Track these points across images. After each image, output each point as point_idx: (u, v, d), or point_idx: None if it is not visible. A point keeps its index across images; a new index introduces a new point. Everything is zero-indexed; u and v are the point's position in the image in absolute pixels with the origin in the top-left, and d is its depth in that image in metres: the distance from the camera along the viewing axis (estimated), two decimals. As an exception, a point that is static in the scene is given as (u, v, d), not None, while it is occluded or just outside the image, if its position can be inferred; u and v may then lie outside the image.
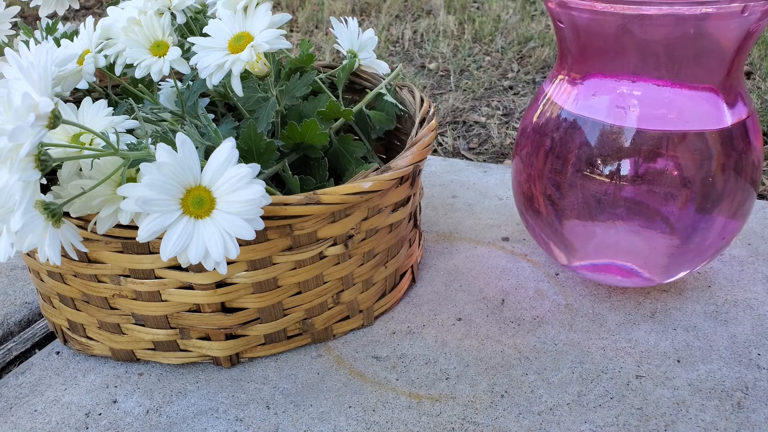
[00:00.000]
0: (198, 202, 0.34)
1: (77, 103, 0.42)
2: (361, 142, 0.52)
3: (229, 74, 0.42)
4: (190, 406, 0.42)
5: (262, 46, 0.41)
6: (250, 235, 0.34)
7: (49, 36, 0.54)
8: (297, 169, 0.49)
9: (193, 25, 0.51)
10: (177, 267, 0.41)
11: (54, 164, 0.33)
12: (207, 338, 0.45)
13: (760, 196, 0.77)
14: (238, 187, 0.33)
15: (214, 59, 0.42)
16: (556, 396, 0.42)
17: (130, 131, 0.44)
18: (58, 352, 0.48)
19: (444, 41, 1.45)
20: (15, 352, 0.49)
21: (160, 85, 0.52)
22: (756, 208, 0.62)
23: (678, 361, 0.44)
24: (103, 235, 0.38)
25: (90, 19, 0.46)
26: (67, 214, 0.37)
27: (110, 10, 0.48)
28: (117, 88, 0.53)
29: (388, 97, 0.52)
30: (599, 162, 0.43)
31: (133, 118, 0.42)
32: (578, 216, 0.45)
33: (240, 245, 0.36)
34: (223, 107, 0.55)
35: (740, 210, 0.44)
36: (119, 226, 0.38)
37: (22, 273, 0.58)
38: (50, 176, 0.40)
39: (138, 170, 0.37)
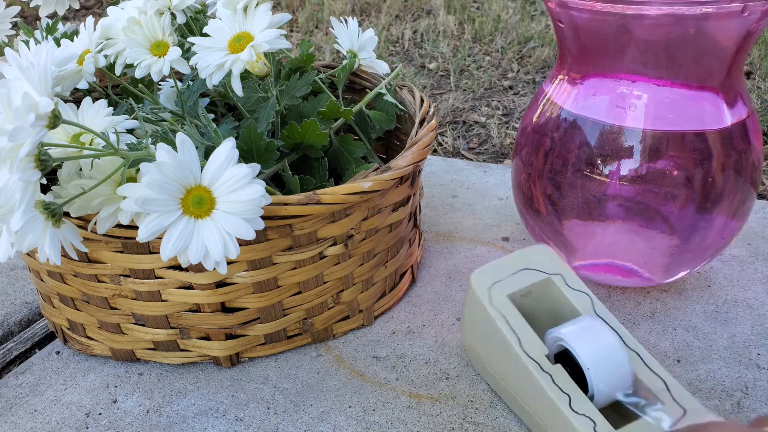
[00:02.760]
0: (198, 202, 0.34)
1: (77, 103, 0.43)
2: (361, 142, 0.52)
3: (229, 74, 0.42)
4: (190, 406, 0.43)
5: (262, 46, 0.41)
6: (250, 235, 0.34)
7: (49, 36, 0.54)
8: (297, 169, 0.49)
9: (193, 25, 0.51)
10: (177, 267, 0.41)
11: (54, 164, 0.33)
12: (207, 338, 0.45)
13: (760, 196, 0.77)
14: (238, 187, 0.33)
15: (214, 59, 0.42)
16: (556, 396, 0.42)
17: (130, 131, 0.44)
18: (58, 352, 0.48)
19: (444, 41, 1.45)
20: (15, 352, 0.49)
21: (160, 85, 0.52)
22: (756, 208, 0.62)
23: (678, 361, 0.44)
24: (103, 235, 0.38)
25: (90, 19, 0.46)
26: (67, 214, 0.37)
27: (110, 10, 0.48)
28: (117, 88, 0.53)
29: (388, 97, 0.52)
30: (599, 162, 0.43)
31: (133, 118, 0.42)
32: (578, 216, 0.45)
33: (240, 245, 0.36)
34: (223, 107, 0.55)
35: (740, 210, 0.44)
36: (119, 226, 0.38)
37: (22, 273, 0.58)
38: (50, 176, 0.40)
39: (138, 170, 0.37)
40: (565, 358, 0.35)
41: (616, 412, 0.34)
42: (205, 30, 0.43)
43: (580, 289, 0.38)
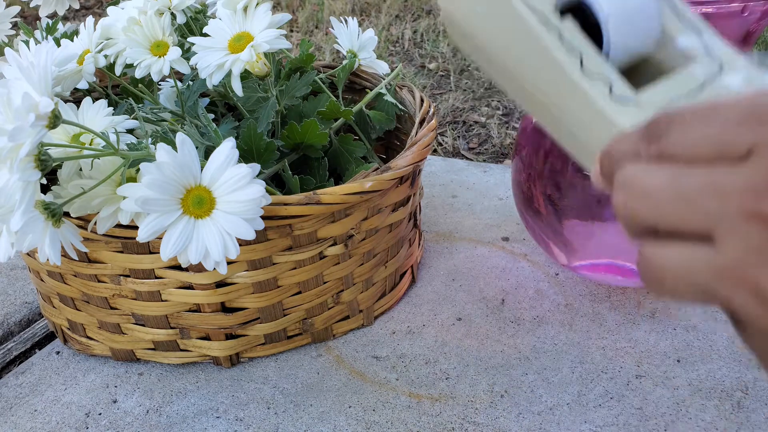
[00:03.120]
0: (198, 202, 0.34)
1: (77, 103, 0.42)
2: (361, 142, 0.52)
3: (229, 74, 0.42)
4: (190, 406, 0.42)
5: (262, 46, 0.41)
6: (250, 235, 0.34)
7: (49, 36, 0.54)
8: (297, 169, 0.49)
9: (193, 25, 0.51)
10: (177, 267, 0.41)
11: (54, 164, 0.33)
12: (207, 338, 0.45)
13: (760, 196, 0.77)
14: (238, 187, 0.33)
15: (214, 59, 0.42)
16: (556, 396, 0.42)
17: (130, 131, 0.44)
18: (58, 352, 0.48)
19: (444, 41, 1.45)
20: (15, 352, 0.49)
21: (160, 85, 0.52)
22: (756, 208, 0.62)
23: (678, 361, 0.44)
24: (103, 235, 0.38)
25: (90, 19, 0.46)
26: (67, 214, 0.37)
27: (110, 10, 0.48)
28: (117, 88, 0.53)
29: (388, 97, 0.52)
30: (599, 162, 0.43)
31: (133, 118, 0.42)
32: (578, 216, 0.45)
33: (240, 245, 0.36)
34: (223, 107, 0.55)
35: (740, 210, 0.44)
36: (119, 226, 0.38)
37: (22, 273, 0.58)
38: (50, 176, 0.40)
39: (138, 170, 0.37)
40: (576, 13, 0.27)
41: (638, 72, 0.28)
42: (205, 30, 0.43)
43: None
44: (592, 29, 0.27)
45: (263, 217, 0.35)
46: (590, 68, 0.26)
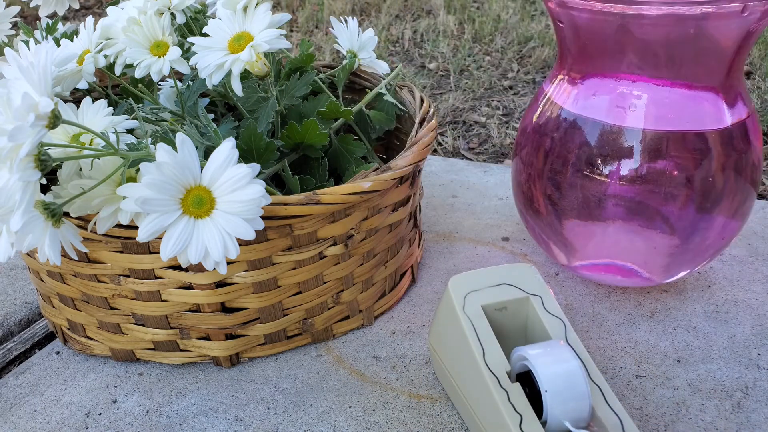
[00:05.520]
0: (198, 202, 0.34)
1: (77, 103, 0.43)
2: (361, 142, 0.52)
3: (228, 74, 0.42)
4: (190, 406, 0.42)
5: (261, 46, 0.41)
6: (250, 235, 0.34)
7: (49, 36, 0.54)
8: (297, 169, 0.49)
9: (193, 25, 0.51)
10: (177, 267, 0.41)
11: (54, 164, 0.33)
12: (207, 338, 0.45)
13: (760, 196, 0.77)
14: (237, 187, 0.33)
15: (214, 59, 0.42)
16: (556, 396, 0.42)
17: (130, 131, 0.44)
18: (58, 352, 0.48)
19: (444, 41, 1.45)
20: (15, 352, 0.49)
21: (160, 85, 0.52)
22: (756, 208, 0.62)
23: (678, 361, 0.44)
24: (103, 235, 0.38)
25: (90, 19, 0.46)
26: (67, 214, 0.37)
27: (110, 10, 0.48)
28: (117, 88, 0.53)
29: (388, 97, 0.52)
30: (599, 162, 0.43)
31: (133, 118, 0.42)
32: (578, 216, 0.45)
33: (240, 245, 0.36)
34: (223, 107, 0.55)
35: (740, 210, 0.44)
36: (119, 226, 0.38)
37: (22, 273, 0.58)
38: (50, 176, 0.40)
39: (138, 170, 0.37)
40: (526, 379, 0.35)
41: None
42: (204, 30, 0.43)
43: (555, 314, 0.38)
44: (537, 398, 0.33)
45: (263, 217, 0.35)
46: (527, 430, 0.32)
